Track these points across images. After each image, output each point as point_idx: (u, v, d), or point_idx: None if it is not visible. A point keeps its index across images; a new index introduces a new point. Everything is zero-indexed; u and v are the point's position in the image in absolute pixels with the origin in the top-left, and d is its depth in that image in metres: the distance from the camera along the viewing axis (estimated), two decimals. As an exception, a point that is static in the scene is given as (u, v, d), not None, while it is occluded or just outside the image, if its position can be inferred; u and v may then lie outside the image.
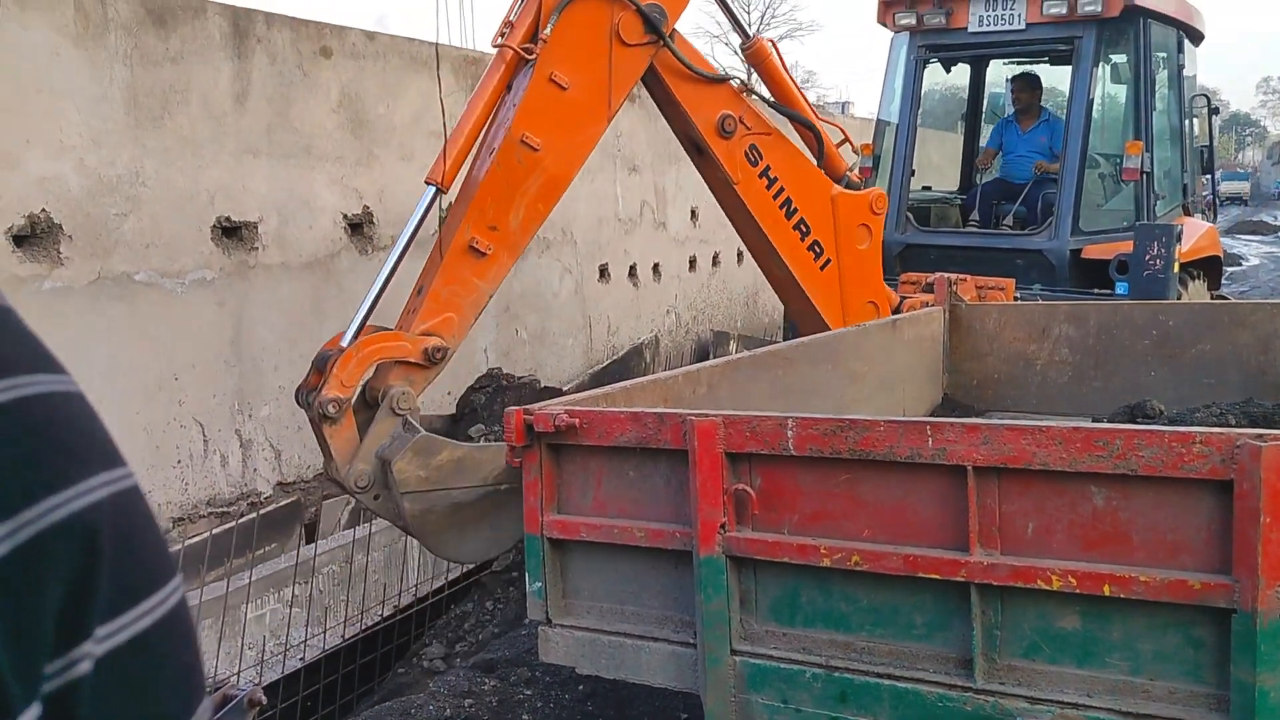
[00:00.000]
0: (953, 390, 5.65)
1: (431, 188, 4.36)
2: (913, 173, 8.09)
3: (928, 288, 6.10)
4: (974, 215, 8.09)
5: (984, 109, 9.31)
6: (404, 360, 4.22)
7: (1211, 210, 9.06)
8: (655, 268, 10.35)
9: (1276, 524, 2.13)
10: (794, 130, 5.53)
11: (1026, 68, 8.45)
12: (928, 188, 8.89)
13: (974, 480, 2.44)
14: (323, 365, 4.14)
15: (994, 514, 2.45)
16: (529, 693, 4.28)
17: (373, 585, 5.59)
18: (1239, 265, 24.76)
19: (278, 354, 6.23)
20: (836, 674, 2.64)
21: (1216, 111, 8.98)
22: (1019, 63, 8.59)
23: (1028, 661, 2.45)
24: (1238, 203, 49.93)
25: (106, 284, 5.36)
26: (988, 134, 8.94)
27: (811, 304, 5.42)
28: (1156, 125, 7.59)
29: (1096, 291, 6.98)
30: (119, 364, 5.39)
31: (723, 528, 2.74)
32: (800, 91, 5.44)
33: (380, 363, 4.22)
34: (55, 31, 5.13)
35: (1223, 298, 8.35)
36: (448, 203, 4.68)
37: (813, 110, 5.54)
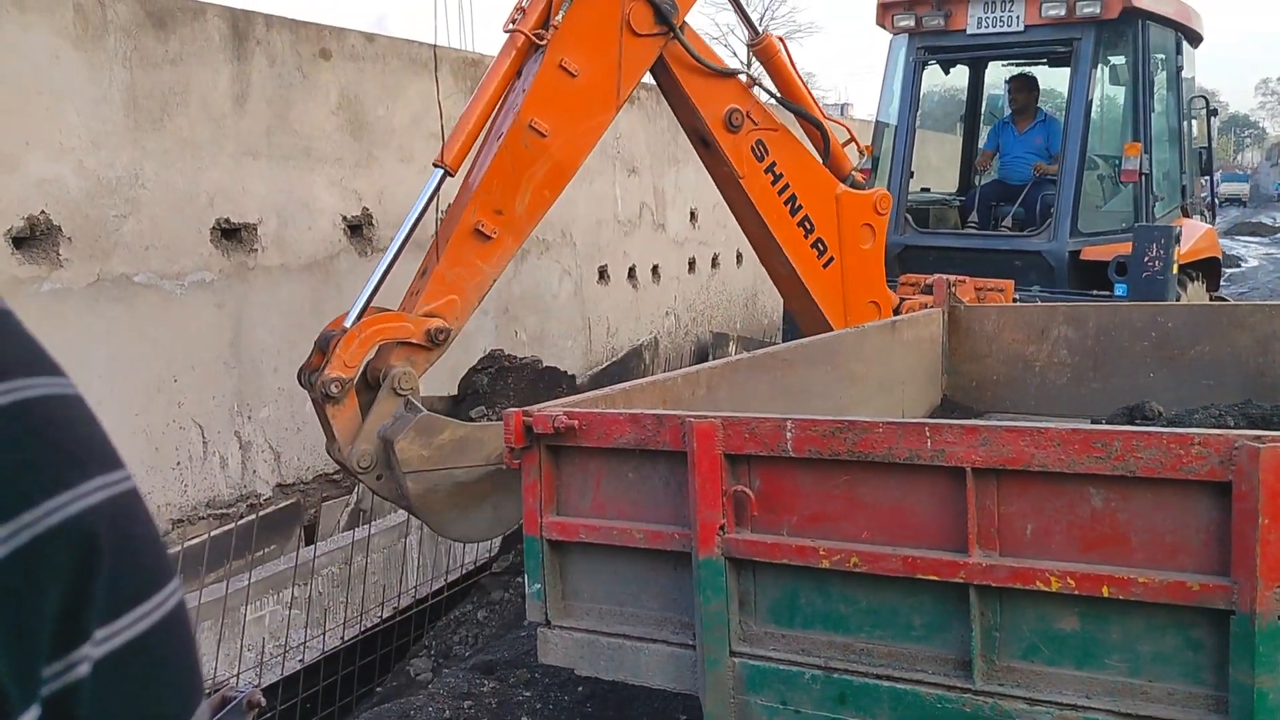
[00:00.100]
0: (952, 392, 5.65)
1: (439, 170, 4.38)
2: (911, 174, 8.09)
3: (927, 289, 6.10)
4: (973, 217, 8.09)
5: (983, 111, 9.31)
6: (406, 341, 4.23)
7: (1210, 212, 9.05)
8: (654, 269, 10.35)
9: (1275, 525, 2.13)
10: (800, 130, 5.54)
11: (1024, 69, 8.46)
12: (926, 189, 8.89)
13: (973, 482, 2.44)
14: (325, 346, 4.15)
15: (993, 515, 2.45)
16: (528, 694, 4.28)
17: (372, 587, 5.59)
18: (1238, 267, 24.78)
19: (277, 355, 6.23)
20: (835, 675, 2.64)
21: (1215, 113, 8.98)
22: (1018, 64, 8.59)
23: (1026, 663, 2.46)
24: (1237, 204, 49.95)
25: (106, 286, 5.36)
26: (986, 136, 8.94)
27: (813, 302, 5.42)
28: (1155, 127, 7.59)
29: (1095, 293, 6.98)
30: (118, 365, 5.39)
31: (722, 529, 2.74)
32: (808, 89, 5.44)
33: (382, 344, 4.22)
34: (55, 34, 5.13)
35: (1222, 299, 8.35)
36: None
37: (819, 109, 5.55)
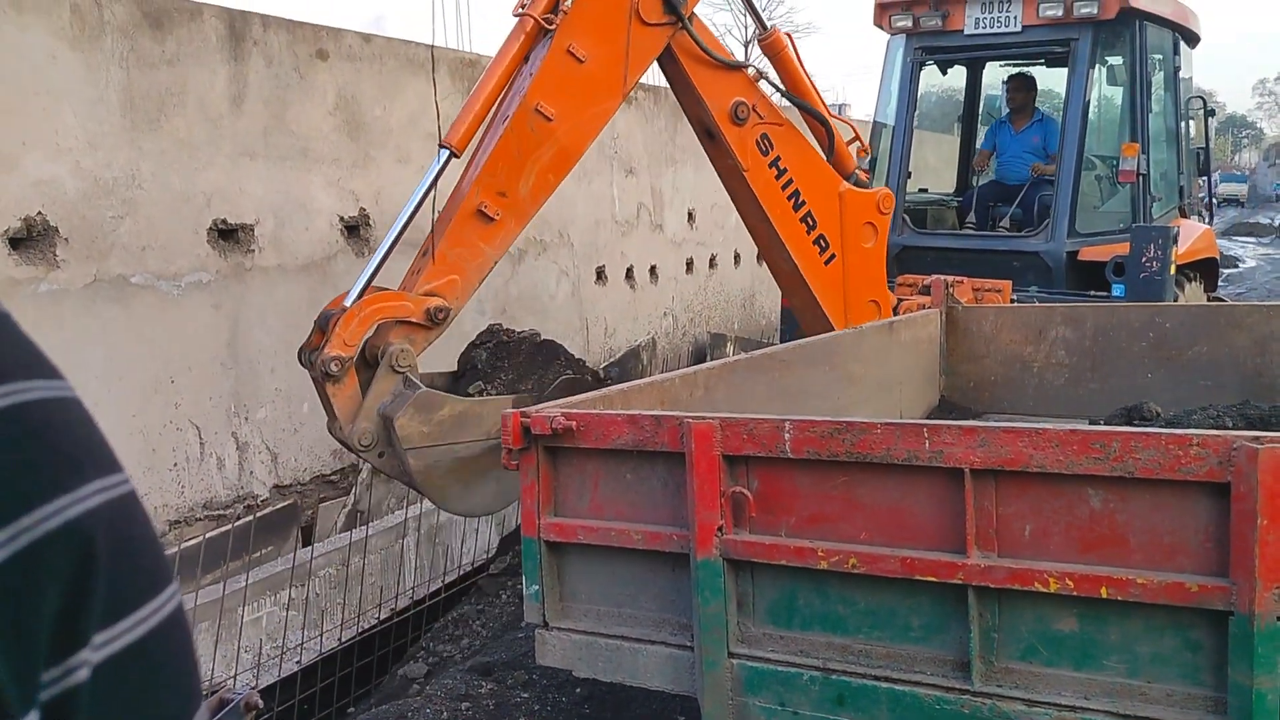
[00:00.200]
0: (950, 392, 5.65)
1: (445, 151, 4.38)
2: (909, 175, 8.10)
3: (924, 290, 6.11)
4: (970, 217, 8.09)
5: (980, 111, 9.32)
6: (405, 320, 4.23)
7: (1208, 212, 9.06)
8: (652, 270, 10.34)
9: (1273, 526, 2.13)
10: (806, 128, 5.55)
11: (1021, 70, 8.46)
12: (924, 190, 8.90)
13: (971, 483, 2.44)
14: (325, 325, 4.16)
15: (991, 516, 2.45)
16: (526, 695, 4.28)
17: (369, 588, 5.58)
18: (1236, 267, 24.81)
19: (274, 356, 6.22)
20: (834, 677, 2.64)
21: (1213, 113, 8.99)
22: (1015, 65, 8.59)
23: (1025, 664, 2.46)
24: (1234, 204, 50.02)
25: (103, 286, 5.35)
26: (983, 136, 8.94)
27: (814, 298, 5.42)
28: (1153, 127, 7.59)
29: (1093, 293, 6.98)
30: (115, 366, 5.38)
31: (720, 530, 2.74)
32: (814, 86, 5.45)
33: (382, 322, 4.23)
34: (52, 34, 5.12)
35: (1219, 300, 8.36)
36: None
37: (825, 105, 5.55)
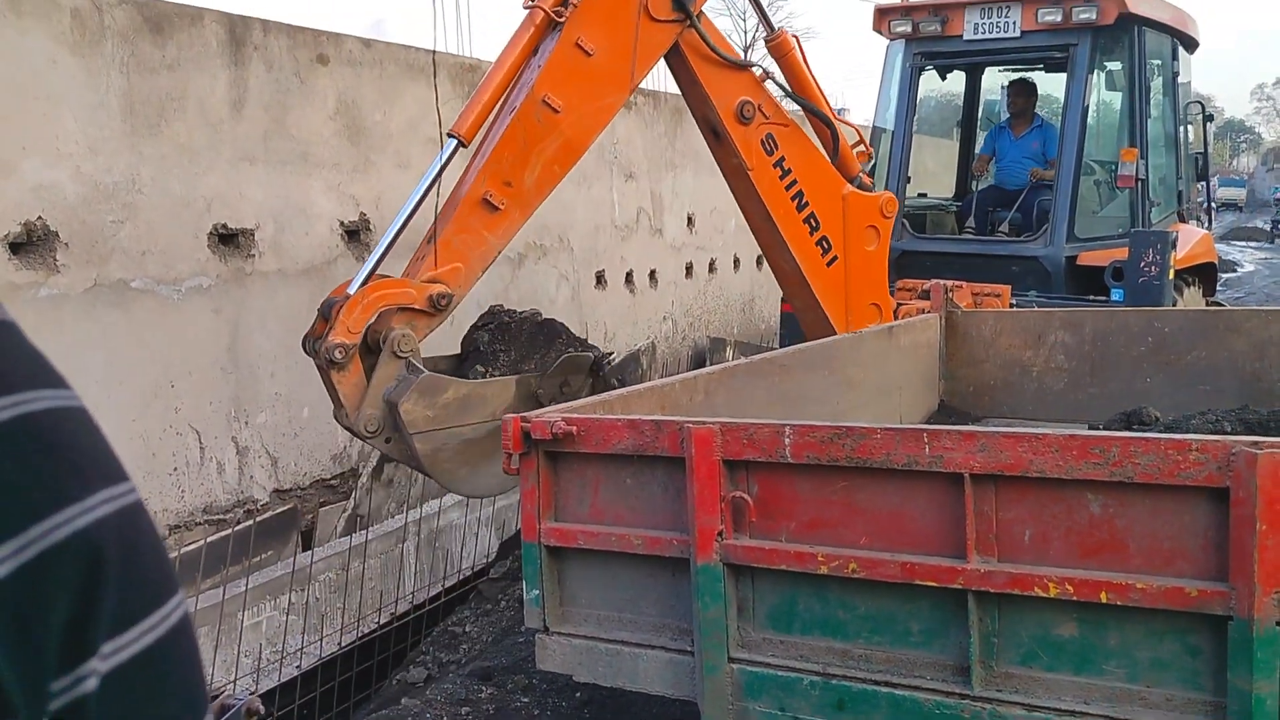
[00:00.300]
0: (949, 397, 5.65)
1: (453, 140, 4.40)
2: (909, 180, 8.11)
3: (924, 294, 6.11)
4: (970, 222, 8.11)
5: (979, 116, 9.34)
6: (408, 307, 4.25)
7: (1207, 216, 9.08)
8: (652, 274, 10.35)
9: (1272, 531, 2.14)
10: (811, 130, 5.56)
11: (1022, 74, 8.48)
12: (924, 194, 8.91)
13: (971, 488, 2.44)
14: (328, 312, 4.17)
15: (991, 521, 2.45)
16: (526, 700, 4.28)
17: (369, 593, 5.58)
18: (1234, 272, 24.83)
19: (274, 361, 6.22)
20: (834, 681, 2.64)
21: (1211, 118, 9.00)
22: (1014, 70, 8.61)
23: (1025, 669, 2.46)
24: (1233, 209, 50.06)
25: (103, 291, 5.35)
26: (983, 141, 8.96)
27: (815, 300, 5.43)
28: (1151, 132, 7.61)
29: (1092, 298, 6.99)
30: (115, 371, 5.39)
31: (720, 535, 2.74)
32: (820, 88, 5.47)
33: (385, 309, 4.24)
34: (52, 39, 5.12)
35: (1218, 304, 8.37)
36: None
37: (831, 108, 5.57)
